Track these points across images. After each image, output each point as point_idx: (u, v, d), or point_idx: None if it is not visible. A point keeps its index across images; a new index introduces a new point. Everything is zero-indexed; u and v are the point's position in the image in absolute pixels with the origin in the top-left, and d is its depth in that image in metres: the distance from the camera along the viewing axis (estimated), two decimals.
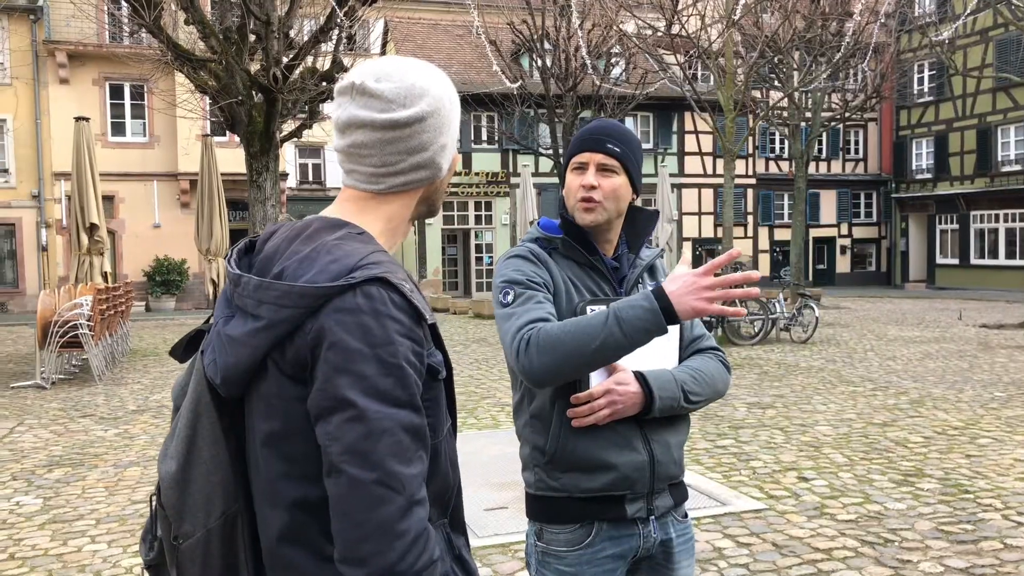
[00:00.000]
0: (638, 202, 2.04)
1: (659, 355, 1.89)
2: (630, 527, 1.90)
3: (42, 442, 7.43)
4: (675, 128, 30.81)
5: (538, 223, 2.02)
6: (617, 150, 1.92)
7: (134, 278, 23.76)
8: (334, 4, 11.88)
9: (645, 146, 29.75)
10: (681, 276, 1.68)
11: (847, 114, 26.25)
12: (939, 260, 32.68)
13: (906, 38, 30.12)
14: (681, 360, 1.97)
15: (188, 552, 1.23)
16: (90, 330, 10.50)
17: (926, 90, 32.70)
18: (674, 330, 1.94)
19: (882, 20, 18.77)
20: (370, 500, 1.13)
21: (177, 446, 1.26)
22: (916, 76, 32.81)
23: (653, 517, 1.92)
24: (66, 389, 10.36)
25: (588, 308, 1.86)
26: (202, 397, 1.26)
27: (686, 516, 2.03)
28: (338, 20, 12.26)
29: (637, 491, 1.89)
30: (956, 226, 31.89)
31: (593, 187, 1.90)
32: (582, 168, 1.94)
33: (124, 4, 12.86)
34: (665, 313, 1.66)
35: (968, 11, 19.05)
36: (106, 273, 14.13)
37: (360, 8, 12.97)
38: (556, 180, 22.50)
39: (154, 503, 1.32)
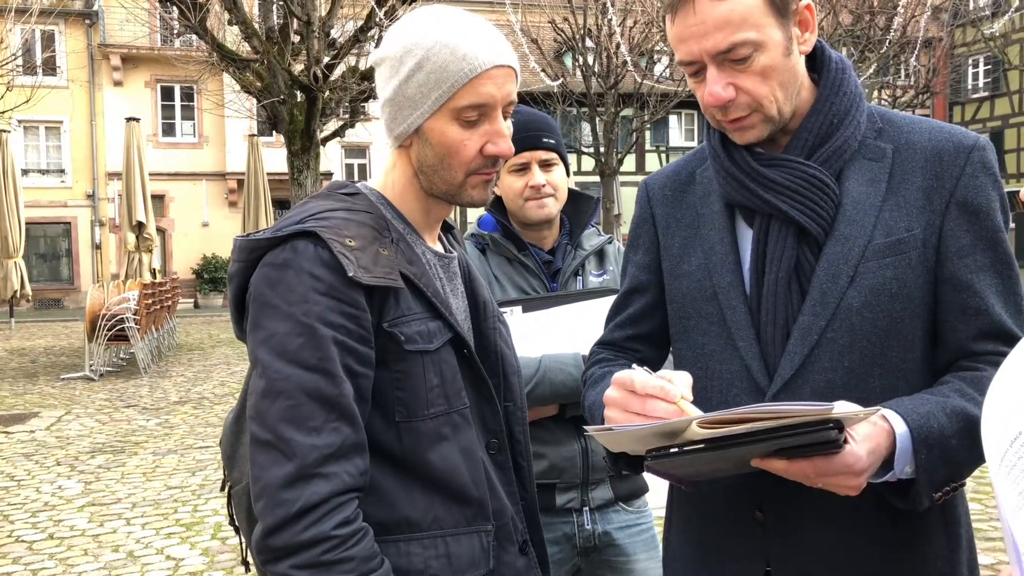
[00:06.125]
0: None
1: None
2: (563, 516, 1.91)
3: (87, 430, 7.68)
4: None
5: (478, 220, 2.03)
6: (552, 142, 1.92)
7: (183, 276, 24.32)
8: (373, 4, 12.04)
9: (689, 144, 29.53)
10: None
11: (896, 110, 25.70)
12: None
13: (959, 32, 29.41)
14: None
15: (236, 497, 1.28)
16: (136, 324, 10.80)
17: (981, 85, 31.84)
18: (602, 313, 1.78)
19: (928, 12, 18.34)
20: (263, 460, 1.10)
21: (239, 398, 1.31)
22: (971, 71, 31.99)
23: (588, 508, 1.92)
24: (113, 381, 10.67)
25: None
26: None
27: (642, 508, 2.01)
28: (377, 20, 12.41)
29: (567, 481, 1.89)
30: (1012, 225, 30.98)
31: (543, 185, 1.90)
32: (524, 168, 1.92)
33: (173, 7, 13.19)
34: None
35: (1015, 6, 18.51)
36: (154, 270, 14.52)
37: (400, 7, 13.12)
38: (598, 179, 22.44)
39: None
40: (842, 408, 1.04)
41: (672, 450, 1.05)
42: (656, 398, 1.12)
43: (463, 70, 1.20)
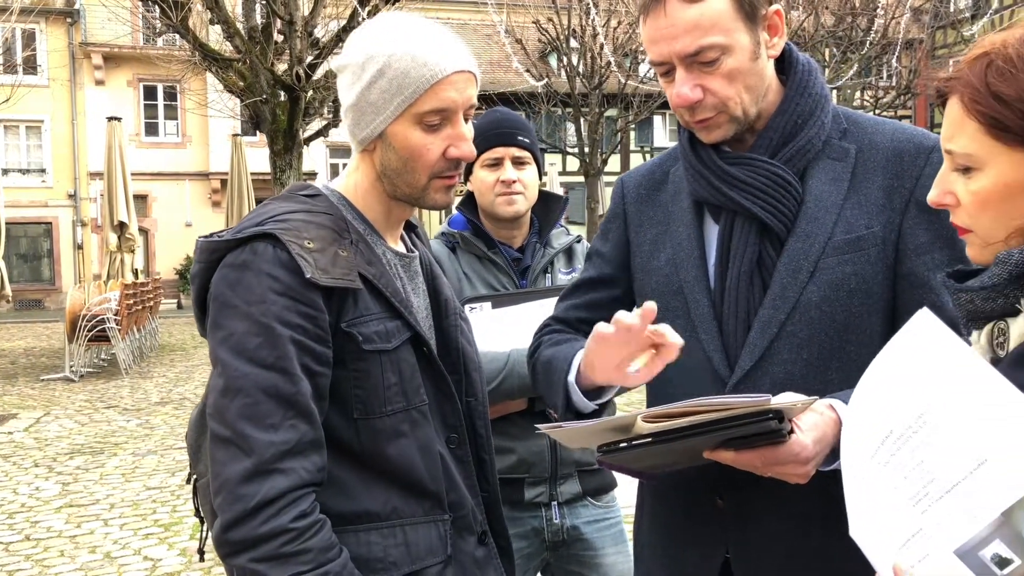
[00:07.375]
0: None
1: None
2: (532, 510, 1.93)
3: (66, 431, 7.63)
4: None
5: (449, 219, 2.08)
6: (527, 141, 1.97)
7: (166, 276, 24.17)
8: (356, 4, 12.02)
9: (674, 144, 29.52)
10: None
11: (878, 111, 25.91)
12: None
13: (940, 34, 29.66)
14: None
15: (202, 490, 1.30)
16: (117, 324, 10.73)
17: None
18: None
19: (908, 14, 18.52)
20: (222, 457, 1.13)
21: (204, 392, 1.33)
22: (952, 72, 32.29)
23: (556, 503, 1.94)
24: (93, 381, 10.60)
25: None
26: None
27: (610, 503, 2.03)
28: (360, 20, 12.39)
29: (536, 475, 1.92)
30: None
31: (514, 181, 1.95)
32: (497, 164, 1.96)
33: (155, 6, 13.13)
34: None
35: (994, 9, 18.71)
36: (136, 270, 14.42)
37: (383, 7, 13.10)
38: (583, 179, 22.47)
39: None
40: (781, 399, 1.07)
41: (621, 444, 1.08)
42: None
43: (424, 76, 1.22)
